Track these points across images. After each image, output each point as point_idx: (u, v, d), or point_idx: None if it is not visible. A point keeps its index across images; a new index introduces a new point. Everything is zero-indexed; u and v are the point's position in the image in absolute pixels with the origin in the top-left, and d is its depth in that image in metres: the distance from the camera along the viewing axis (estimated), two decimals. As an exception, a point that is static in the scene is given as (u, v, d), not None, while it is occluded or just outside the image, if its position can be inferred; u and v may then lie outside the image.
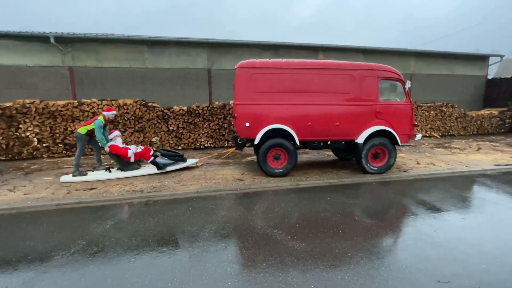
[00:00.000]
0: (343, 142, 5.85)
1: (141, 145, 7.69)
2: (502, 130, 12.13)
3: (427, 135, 11.00)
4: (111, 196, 4.48)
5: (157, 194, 4.60)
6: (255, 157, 7.39)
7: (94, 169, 6.04)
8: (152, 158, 5.84)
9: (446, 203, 4.19)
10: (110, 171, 5.75)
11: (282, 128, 5.46)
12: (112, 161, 6.29)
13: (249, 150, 8.64)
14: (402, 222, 3.55)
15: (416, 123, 6.36)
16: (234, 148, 6.85)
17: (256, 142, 5.45)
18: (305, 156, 7.59)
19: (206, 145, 8.88)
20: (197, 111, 8.66)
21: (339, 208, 3.97)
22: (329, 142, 5.81)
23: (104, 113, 5.85)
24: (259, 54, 10.91)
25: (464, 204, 4.20)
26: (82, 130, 5.59)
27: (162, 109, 8.35)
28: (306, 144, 5.87)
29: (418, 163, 6.64)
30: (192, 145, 8.79)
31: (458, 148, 8.53)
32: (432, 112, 10.96)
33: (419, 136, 6.02)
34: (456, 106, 11.27)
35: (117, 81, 9.86)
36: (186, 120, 8.60)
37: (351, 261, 2.63)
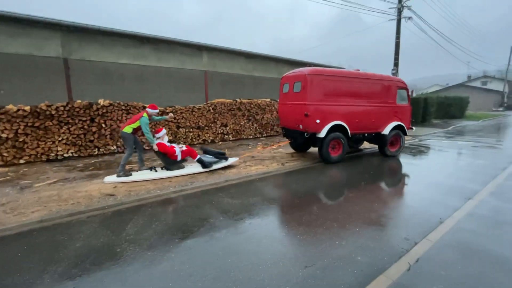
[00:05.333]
0: (373, 134, 7.56)
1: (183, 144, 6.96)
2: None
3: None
4: None
5: (-35, 235, 3.11)
6: (134, 165, 6.41)
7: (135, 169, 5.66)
8: (198, 156, 5.87)
9: (312, 190, 4.88)
10: (156, 171, 5.56)
11: (341, 124, 6.78)
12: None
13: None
14: (279, 213, 3.82)
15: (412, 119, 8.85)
16: (288, 141, 7.85)
17: (323, 135, 6.55)
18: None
19: (65, 155, 7.01)
20: (48, 112, 6.70)
21: (222, 210, 3.89)
22: (366, 134, 7.49)
23: (148, 109, 5.60)
24: (136, 46, 9.65)
25: (325, 187, 5.03)
26: (127, 129, 5.33)
27: (-15, 109, 5.94)
28: (351, 136, 7.14)
29: (292, 156, 7.59)
30: (43, 156, 6.72)
31: (320, 141, 10.43)
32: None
33: (414, 128, 8.47)
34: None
35: None
36: (30, 124, 6.49)
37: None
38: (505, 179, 5.51)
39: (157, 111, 5.74)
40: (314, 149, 8.79)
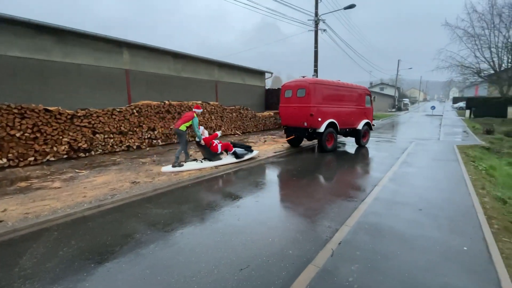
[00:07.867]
0: (352, 129, 9.91)
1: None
2: (277, 126, 16.82)
3: (232, 133, 13.03)
4: None
5: None
6: (34, 180, 5.25)
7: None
8: (233, 149, 6.99)
9: (245, 191, 4.94)
10: (201, 161, 6.68)
11: (333, 121, 8.88)
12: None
13: (30, 170, 6.14)
14: (213, 218, 3.71)
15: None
16: (293, 136, 9.53)
17: (322, 130, 8.56)
18: (114, 167, 6.40)
19: None
20: None
21: (150, 222, 3.54)
22: (347, 129, 9.79)
23: (195, 110, 6.80)
24: (33, 37, 7.97)
25: (257, 188, 5.17)
26: (183, 127, 6.38)
27: None
28: (339, 131, 9.33)
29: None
30: None
31: (253, 142, 10.72)
32: (234, 114, 13.10)
33: (375, 125, 11.14)
34: (249, 109, 14.19)
35: None
36: None
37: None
38: (399, 167, 6.76)
39: (201, 110, 7.15)
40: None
